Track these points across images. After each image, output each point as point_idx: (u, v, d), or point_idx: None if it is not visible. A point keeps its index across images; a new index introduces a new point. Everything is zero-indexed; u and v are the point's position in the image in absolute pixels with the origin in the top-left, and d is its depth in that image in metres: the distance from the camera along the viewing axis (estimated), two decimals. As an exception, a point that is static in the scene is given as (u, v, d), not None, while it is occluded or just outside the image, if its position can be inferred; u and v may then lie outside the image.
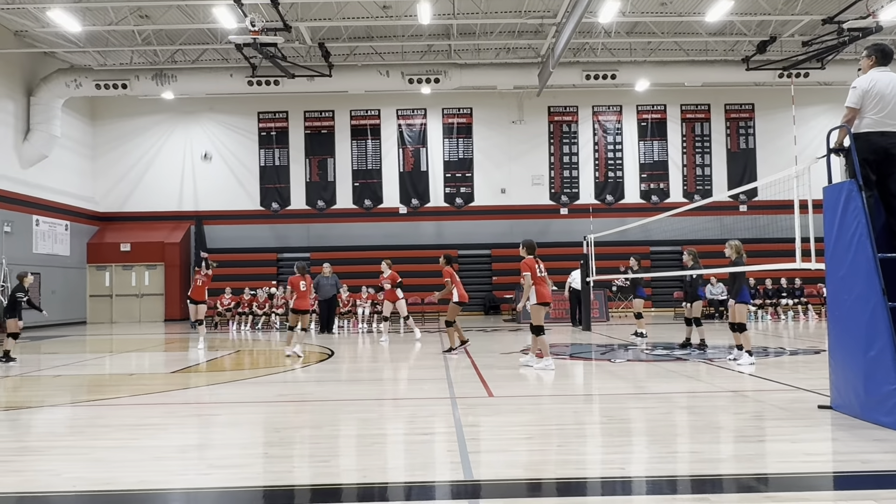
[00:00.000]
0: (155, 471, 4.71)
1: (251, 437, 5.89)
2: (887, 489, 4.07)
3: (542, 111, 27.29)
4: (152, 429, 6.22)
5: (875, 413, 5.55)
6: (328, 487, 4.34)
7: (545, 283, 10.09)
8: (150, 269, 25.99)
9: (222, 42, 21.36)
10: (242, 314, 21.40)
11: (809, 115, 26.34)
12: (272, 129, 27.34)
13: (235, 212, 27.07)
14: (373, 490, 4.29)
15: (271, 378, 9.67)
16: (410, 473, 4.66)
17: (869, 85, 6.12)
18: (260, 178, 27.29)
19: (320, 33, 21.49)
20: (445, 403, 7.15)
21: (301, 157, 27.32)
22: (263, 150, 27.31)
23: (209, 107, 27.10)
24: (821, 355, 10.69)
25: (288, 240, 26.92)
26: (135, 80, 22.57)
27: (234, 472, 4.63)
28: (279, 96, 26.06)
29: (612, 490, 4.26)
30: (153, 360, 12.70)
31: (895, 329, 5.45)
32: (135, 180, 27.26)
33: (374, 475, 4.55)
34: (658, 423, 6.17)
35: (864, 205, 5.77)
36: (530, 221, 26.74)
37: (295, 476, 4.64)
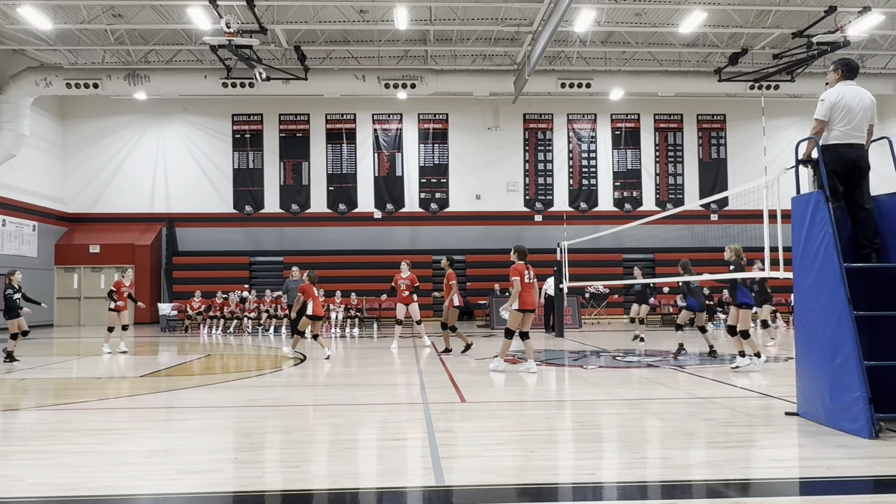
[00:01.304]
0: (122, 476, 4.64)
1: (221, 442, 5.82)
2: (850, 495, 4.15)
3: (517, 118, 27.44)
4: (120, 433, 6.12)
5: (840, 420, 5.65)
6: (299, 493, 4.30)
7: (531, 290, 10.09)
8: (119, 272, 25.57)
9: (197, 43, 21.18)
10: (214, 318, 21.18)
11: (779, 126, 26.80)
12: (246, 131, 27.15)
13: (208, 214, 26.81)
14: (344, 496, 4.26)
15: (242, 382, 9.57)
16: (382, 479, 4.64)
17: (837, 98, 6.24)
18: (233, 181, 27.07)
19: (296, 36, 21.40)
20: (418, 409, 7.13)
21: (275, 160, 27.16)
22: (237, 152, 27.11)
23: (182, 108, 26.84)
24: (788, 363, 10.85)
25: (261, 243, 26.73)
26: (107, 79, 22.28)
27: (203, 478, 4.57)
28: (254, 99, 25.90)
29: (583, 496, 4.28)
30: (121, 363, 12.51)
31: (860, 338, 5.55)
32: (105, 181, 26.88)
33: (345, 481, 4.53)
34: (629, 430, 6.21)
35: (831, 215, 5.88)
36: (505, 228, 26.86)
37: (265, 482, 4.60)
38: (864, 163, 6.27)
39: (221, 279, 24.54)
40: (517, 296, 9.97)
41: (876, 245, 6.18)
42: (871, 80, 22.99)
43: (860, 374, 5.43)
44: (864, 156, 6.29)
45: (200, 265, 25.83)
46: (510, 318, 10.09)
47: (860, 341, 5.54)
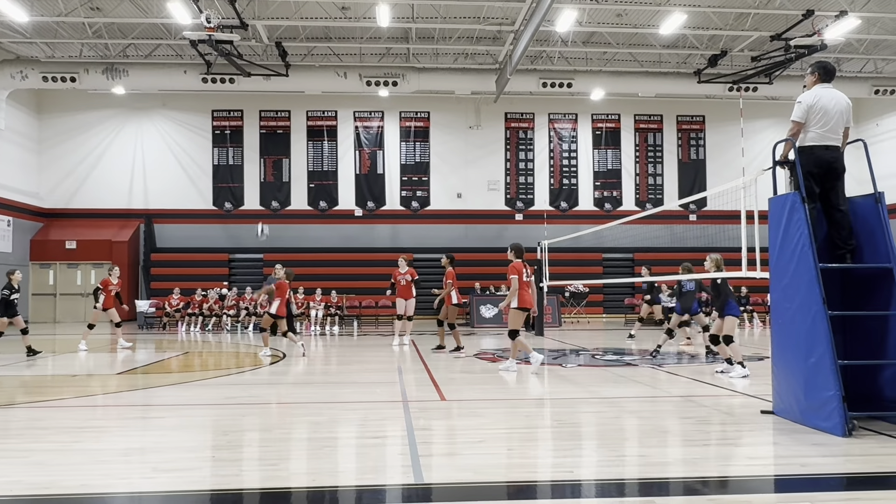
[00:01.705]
0: (97, 474, 4.59)
1: (198, 440, 5.78)
2: (824, 491, 4.21)
3: (499, 117, 27.48)
4: (95, 431, 6.06)
5: (814, 418, 5.73)
6: (277, 491, 4.29)
7: (528, 288, 10.05)
8: (96, 268, 25.32)
9: (176, 38, 20.96)
10: (192, 315, 21.01)
11: (757, 128, 27.08)
12: (226, 127, 26.94)
13: (187, 210, 26.56)
14: (322, 494, 4.25)
15: (220, 380, 9.51)
16: (361, 477, 4.64)
17: (813, 100, 6.32)
18: (213, 177, 26.84)
19: (277, 32, 21.26)
20: (397, 407, 7.13)
21: (255, 156, 26.97)
22: (217, 148, 26.88)
23: (162, 103, 26.57)
24: (764, 362, 10.97)
25: (241, 240, 26.52)
26: (84, 73, 22.00)
27: (180, 476, 4.54)
28: (234, 94, 25.69)
29: (561, 493, 4.30)
30: (98, 360, 12.37)
31: (835, 337, 5.63)
32: (82, 176, 26.54)
33: (323, 479, 4.52)
34: (607, 428, 6.26)
35: (807, 216, 5.95)
36: (485, 226, 26.90)
37: (243, 480, 4.58)
38: (840, 164, 6.36)
39: (200, 276, 24.34)
40: (515, 294, 9.92)
41: (851, 246, 6.27)
42: (847, 84, 23.29)
43: (834, 373, 5.51)
44: (840, 158, 6.38)
45: (179, 262, 25.60)
46: (512, 318, 10.02)
47: (834, 341, 5.62)
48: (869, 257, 6.22)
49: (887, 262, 5.97)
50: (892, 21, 20.65)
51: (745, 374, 9.24)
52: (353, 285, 24.44)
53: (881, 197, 6.16)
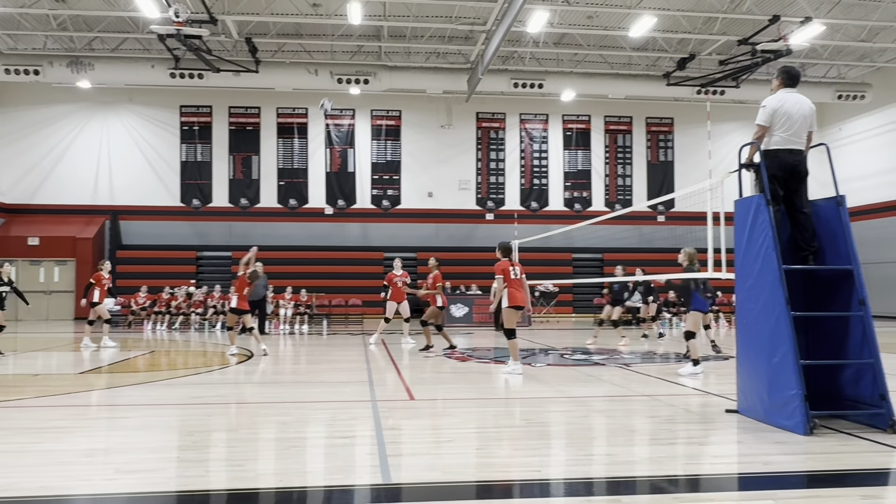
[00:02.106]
0: (58, 476, 4.50)
1: (163, 440, 5.69)
2: (786, 489, 4.28)
3: (470, 117, 27.52)
4: (57, 432, 5.94)
5: (777, 417, 5.83)
6: (243, 492, 4.24)
7: (520, 286, 9.96)
8: (60, 265, 24.84)
9: (144, 32, 20.65)
10: (159, 313, 20.71)
11: (724, 131, 27.46)
12: (195, 123, 26.59)
13: (154, 207, 26.17)
14: (289, 494, 4.22)
15: (187, 379, 9.38)
16: (328, 477, 4.61)
17: (778, 104, 6.43)
18: (181, 174, 26.48)
19: (247, 28, 21.05)
20: (366, 406, 7.10)
21: (224, 153, 26.66)
22: (185, 144, 26.53)
23: (128, 98, 26.13)
24: (730, 361, 11.13)
25: (209, 238, 26.22)
26: (48, 66, 21.55)
27: (143, 477, 4.47)
28: (203, 90, 25.36)
29: (529, 493, 4.32)
30: (61, 360, 12.14)
31: (797, 337, 5.73)
32: (46, 171, 25.99)
33: (291, 479, 4.48)
34: (575, 427, 6.30)
35: (771, 218, 6.05)
36: (456, 225, 26.92)
37: (208, 481, 4.52)
38: (803, 168, 6.47)
39: (167, 274, 23.99)
40: (500, 293, 9.86)
41: (813, 248, 6.38)
42: (811, 88, 23.75)
43: (796, 373, 5.61)
44: (803, 161, 6.49)
45: (145, 259, 25.21)
46: (507, 317, 9.90)
47: (797, 341, 5.72)
48: (831, 259, 6.34)
49: (848, 263, 6.09)
50: (856, 28, 21.10)
51: (697, 373, 9.33)
52: (323, 284, 24.29)
53: (842, 200, 6.28)
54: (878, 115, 25.59)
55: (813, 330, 6.34)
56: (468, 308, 21.27)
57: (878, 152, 25.60)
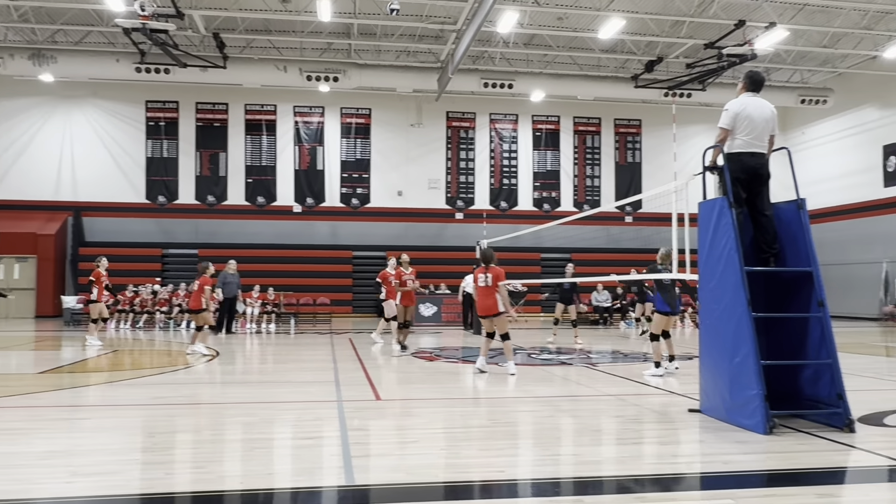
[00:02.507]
0: (12, 479, 4.39)
1: (124, 441, 5.59)
2: (745, 488, 4.34)
3: (440, 116, 27.50)
4: (13, 434, 5.80)
5: (738, 416, 5.91)
6: (205, 494, 4.18)
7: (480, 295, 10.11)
8: (20, 262, 24.27)
9: (108, 25, 20.25)
10: (122, 312, 20.35)
11: (690, 133, 27.81)
12: (161, 119, 26.18)
13: (118, 204, 25.70)
14: (252, 496, 4.17)
15: (150, 379, 9.24)
16: (291, 479, 4.57)
17: (739, 108, 6.53)
18: (146, 170, 26.05)
19: (215, 23, 20.77)
20: (332, 407, 7.06)
21: (191, 149, 26.30)
22: (151, 140, 26.11)
23: (92, 92, 25.62)
24: (694, 361, 11.28)
25: (174, 235, 25.84)
26: (9, 58, 21.05)
27: (102, 480, 4.38)
28: (169, 85, 24.96)
29: (494, 493, 4.32)
30: (20, 359, 11.87)
31: (758, 338, 5.83)
32: (6, 166, 25.38)
33: (254, 481, 4.43)
34: (542, 427, 6.33)
35: (734, 220, 6.14)
36: (426, 225, 26.89)
37: (170, 483, 4.44)
38: (765, 171, 6.58)
39: (132, 271, 23.57)
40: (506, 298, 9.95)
41: (775, 250, 6.49)
42: (775, 93, 24.17)
43: (757, 373, 5.70)
44: (766, 164, 6.60)
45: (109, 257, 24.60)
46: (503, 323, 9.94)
47: (758, 341, 5.81)
48: (791, 261, 6.45)
49: (808, 265, 6.20)
50: (818, 34, 21.53)
51: (658, 374, 9.44)
52: (291, 282, 24.10)
53: (803, 203, 6.40)
54: (840, 119, 26.14)
55: (774, 330, 6.45)
56: (437, 307, 21.28)
57: (839, 156, 26.16)
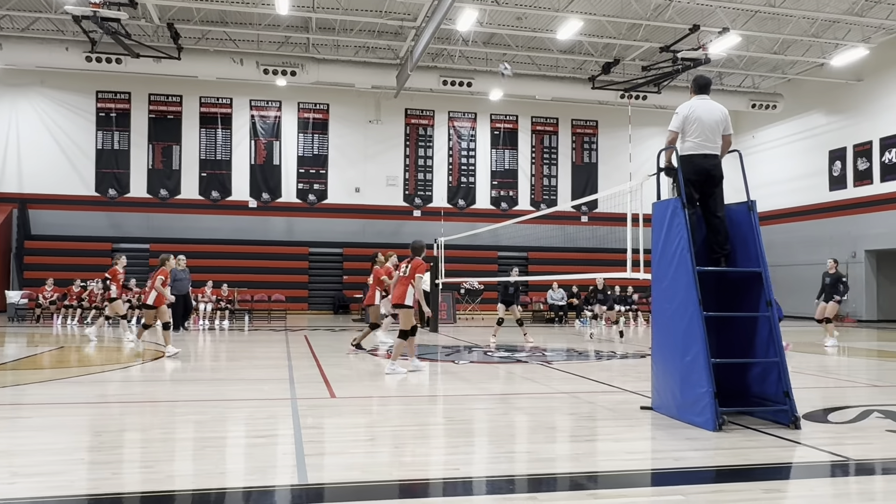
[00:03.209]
0: (-51, 481, 4.22)
1: (69, 441, 5.43)
2: (694, 484, 4.41)
3: (399, 112, 27.43)
4: (-50, 433, 5.59)
5: (689, 413, 6.02)
6: (153, 495, 4.08)
7: (397, 285, 9.96)
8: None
9: (57, 12, 19.68)
10: (69, 307, 19.81)
11: (646, 135, 28.27)
12: (112, 109, 25.56)
13: (66, 196, 25.01)
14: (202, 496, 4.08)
15: (98, 377, 9.01)
16: (244, 478, 4.49)
17: (689, 111, 6.65)
18: (96, 162, 25.42)
19: (169, 13, 20.35)
20: (285, 405, 6.97)
21: (143, 141, 25.73)
22: (101, 131, 25.47)
23: (40, 80, 24.87)
24: (646, 359, 11.47)
25: (125, 229, 25.26)
26: (-49, 44, 20.31)
27: (45, 480, 4.24)
28: (121, 76, 24.36)
29: (449, 491, 4.31)
30: (-41, 356, 11.45)
31: (709, 337, 5.94)
32: (-54, 156, 24.49)
33: (205, 480, 4.34)
34: (497, 424, 6.35)
35: (686, 221, 6.24)
36: (383, 222, 26.80)
37: (116, 483, 4.32)
38: (718, 172, 6.70)
39: (80, 266, 22.98)
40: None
41: (726, 251, 6.62)
42: (727, 97, 24.72)
43: (707, 371, 5.80)
44: (718, 165, 6.72)
45: (56, 250, 24.09)
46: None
47: (709, 340, 5.92)
48: (742, 261, 6.59)
49: (757, 266, 6.34)
50: (769, 40, 22.08)
51: None
52: (246, 278, 23.78)
53: (753, 205, 6.54)
54: (789, 124, 26.86)
55: (724, 329, 6.57)
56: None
57: (788, 160, 26.88)
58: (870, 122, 23.41)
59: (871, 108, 23.38)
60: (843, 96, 24.36)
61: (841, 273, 14.50)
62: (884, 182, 22.79)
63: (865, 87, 23.58)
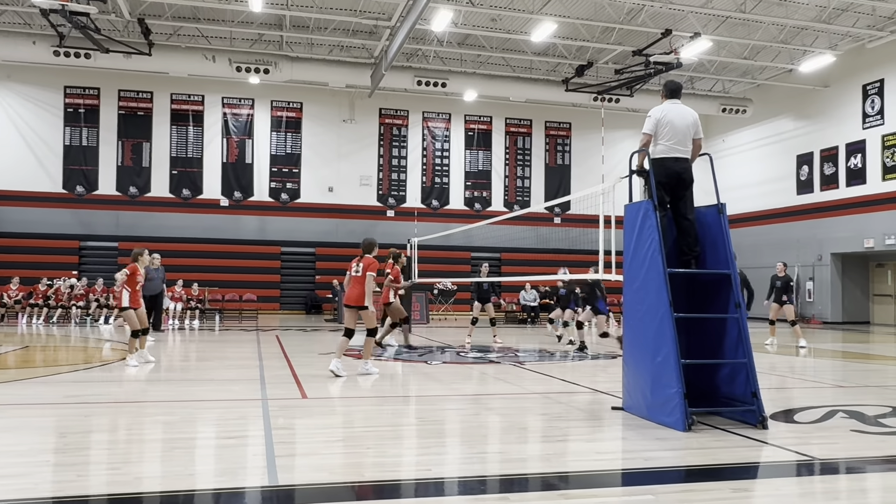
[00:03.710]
0: None
1: (33, 442, 5.32)
2: (664, 484, 4.46)
3: (373, 112, 27.34)
4: None
5: (659, 414, 6.08)
6: (120, 497, 4.01)
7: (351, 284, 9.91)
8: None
9: (24, 5, 19.30)
10: (35, 306, 19.42)
11: (618, 137, 28.50)
12: (80, 105, 25.11)
13: (32, 193, 24.51)
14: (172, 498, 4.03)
15: (64, 377, 8.85)
16: (213, 479, 4.44)
17: (661, 114, 6.73)
18: (64, 158, 24.94)
19: (140, 8, 20.04)
20: (256, 405, 6.90)
21: (113, 138, 25.32)
22: (69, 127, 25.01)
23: (6, 75, 24.33)
24: (617, 360, 11.56)
25: (93, 227, 24.83)
26: (-87, 36, 19.81)
27: (7, 483, 4.15)
28: (90, 71, 23.93)
29: (420, 492, 4.30)
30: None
31: (679, 338, 6.00)
32: None
33: (173, 482, 4.28)
34: (469, 425, 6.35)
35: (658, 223, 6.30)
36: (357, 221, 26.67)
37: (82, 485, 4.24)
38: (688, 175, 6.78)
39: (47, 264, 22.58)
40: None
41: (696, 253, 6.70)
42: (699, 101, 25.03)
43: (677, 372, 5.87)
44: (689, 169, 6.81)
45: (21, 248, 23.61)
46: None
47: (679, 341, 5.98)
48: (711, 264, 6.67)
49: (726, 268, 6.43)
50: (739, 46, 22.40)
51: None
52: (217, 278, 23.54)
53: (723, 208, 6.63)
54: (758, 129, 27.27)
55: (694, 331, 6.65)
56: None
57: (757, 164, 27.29)
58: (836, 128, 23.86)
59: (838, 114, 23.83)
60: (811, 102, 24.80)
61: (790, 276, 14.80)
62: (849, 187, 23.24)
63: (832, 94, 24.03)
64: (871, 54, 22.06)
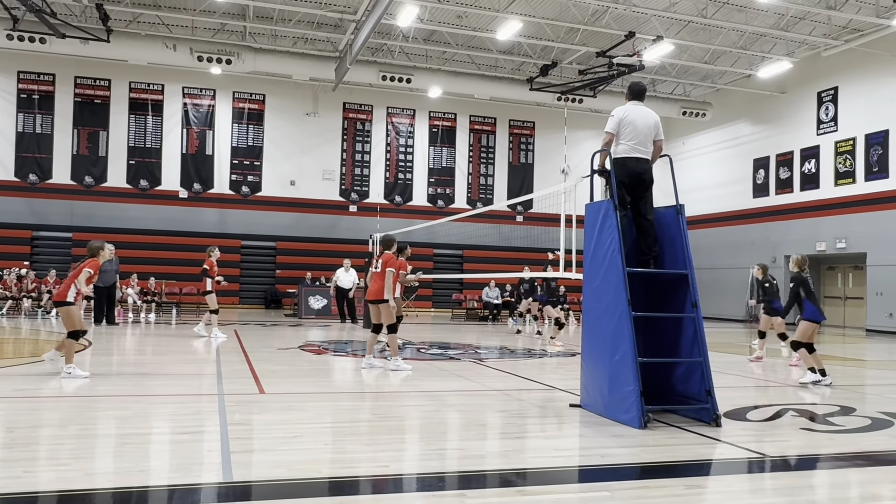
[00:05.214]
0: None
1: (-23, 437, 5.16)
2: (620, 481, 4.51)
3: (337, 106, 27.12)
4: None
5: (616, 411, 6.15)
6: (68, 494, 3.91)
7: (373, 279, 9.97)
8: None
9: (-24, -14, 18.67)
10: (-17, 297, 18.87)
11: (581, 137, 28.74)
12: (35, 91, 24.41)
13: (-18, 180, 23.78)
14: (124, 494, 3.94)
15: (12, 370, 8.60)
16: (167, 475, 4.36)
17: (623, 114, 6.82)
18: (16, 145, 24.22)
19: (99, -7, 19.55)
20: (212, 400, 6.80)
21: (68, 126, 24.67)
22: (22, 114, 24.30)
23: (-44, 58, 23.57)
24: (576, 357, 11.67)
25: (46, 217, 24.18)
26: None
27: (-50, 480, 4.02)
28: (45, 56, 23.24)
29: (378, 488, 4.29)
30: None
31: (637, 336, 6.08)
32: None
33: (125, 479, 4.19)
34: (428, 421, 6.35)
35: (618, 223, 6.37)
36: (319, 216, 26.47)
37: (29, 482, 4.13)
38: (649, 176, 6.88)
39: (-5, 254, 21.94)
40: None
41: (654, 253, 6.79)
42: (660, 103, 25.39)
43: (634, 370, 5.94)
44: (649, 169, 6.90)
45: (-31, 237, 22.89)
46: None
47: (637, 340, 6.06)
48: (669, 264, 6.77)
49: (684, 268, 6.53)
50: (700, 50, 22.77)
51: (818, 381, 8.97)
52: (175, 271, 23.14)
53: (682, 209, 6.73)
54: (717, 132, 27.78)
55: (651, 330, 6.74)
56: (326, 300, 20.97)
57: (715, 167, 27.80)
58: (791, 134, 24.41)
59: (793, 120, 24.38)
60: (768, 107, 25.33)
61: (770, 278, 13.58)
62: (803, 191, 23.80)
63: (788, 100, 24.58)
64: (826, 62, 22.62)
